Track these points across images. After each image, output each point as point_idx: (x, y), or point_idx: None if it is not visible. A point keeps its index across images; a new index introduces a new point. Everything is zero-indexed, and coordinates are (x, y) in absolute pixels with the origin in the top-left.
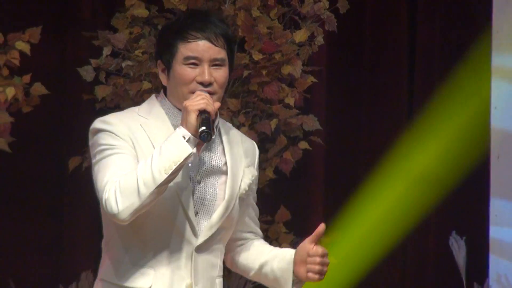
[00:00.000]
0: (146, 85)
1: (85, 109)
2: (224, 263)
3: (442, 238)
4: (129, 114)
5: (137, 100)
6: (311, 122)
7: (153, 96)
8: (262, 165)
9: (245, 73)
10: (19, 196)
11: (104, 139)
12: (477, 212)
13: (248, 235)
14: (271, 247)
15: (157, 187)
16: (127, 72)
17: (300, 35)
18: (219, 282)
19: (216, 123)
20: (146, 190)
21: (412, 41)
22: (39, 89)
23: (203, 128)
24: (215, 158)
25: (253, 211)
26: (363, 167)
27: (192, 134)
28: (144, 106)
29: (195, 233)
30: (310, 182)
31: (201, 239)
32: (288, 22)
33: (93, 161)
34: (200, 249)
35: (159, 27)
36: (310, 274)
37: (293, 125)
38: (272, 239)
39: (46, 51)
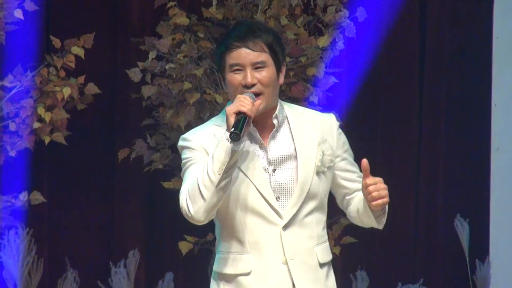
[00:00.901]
0: (186, 85)
1: (133, 106)
2: None
3: (448, 220)
4: (206, 127)
5: (179, 98)
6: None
7: (227, 106)
8: None
9: None
10: (74, 183)
11: (185, 153)
12: (479, 197)
13: (351, 190)
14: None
15: (216, 187)
16: (170, 73)
17: (323, 41)
18: (320, 249)
19: (276, 113)
20: (208, 192)
21: (423, 46)
22: (92, 89)
23: (232, 129)
24: (284, 146)
25: (350, 174)
26: (379, 155)
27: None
28: (220, 116)
29: (279, 215)
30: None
31: (286, 219)
32: (312, 29)
33: (182, 172)
34: (287, 227)
35: (199, 33)
36: (373, 203)
37: None
38: None
39: (98, 55)
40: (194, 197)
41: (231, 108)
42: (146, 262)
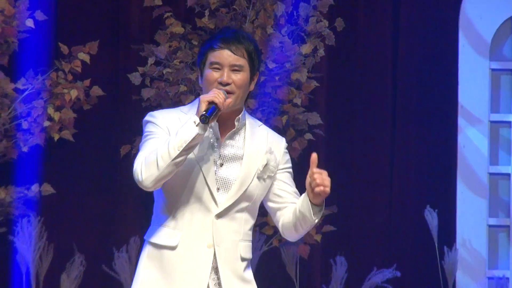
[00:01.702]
0: (182, 88)
1: (134, 107)
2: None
3: (418, 210)
4: (173, 110)
5: (175, 100)
6: (314, 118)
7: (197, 99)
8: None
9: (262, 78)
10: (81, 176)
11: (148, 127)
12: (447, 189)
13: (285, 203)
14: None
15: (172, 160)
16: (167, 77)
17: (306, 48)
18: (243, 245)
19: (239, 117)
20: (163, 163)
21: (395, 51)
22: (96, 91)
23: (203, 113)
24: (236, 147)
25: (287, 186)
26: (356, 151)
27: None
28: (187, 105)
29: (216, 204)
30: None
31: (220, 208)
32: (296, 37)
33: (140, 143)
34: (220, 216)
35: (193, 41)
36: (316, 189)
37: (300, 120)
38: None
39: (102, 60)
40: (149, 164)
41: (205, 96)
42: None
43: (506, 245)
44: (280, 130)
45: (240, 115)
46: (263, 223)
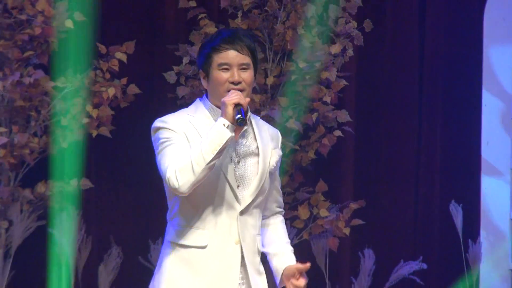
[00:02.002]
0: None
1: (169, 105)
2: None
3: (444, 205)
4: (180, 114)
5: None
6: (343, 115)
7: (197, 99)
8: (305, 148)
9: (292, 77)
10: (118, 171)
11: (163, 134)
12: (471, 185)
13: (274, 205)
14: (279, 241)
15: (206, 165)
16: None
17: (335, 48)
18: (258, 239)
19: (248, 114)
20: (199, 168)
21: (421, 51)
22: (133, 89)
23: (239, 116)
24: (248, 143)
25: (278, 183)
26: (384, 148)
27: (230, 122)
28: (191, 107)
29: (238, 201)
30: (343, 162)
31: (243, 205)
32: (325, 38)
33: (156, 151)
34: (243, 213)
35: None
36: None
37: (330, 118)
38: (313, 205)
39: (139, 59)
40: (184, 171)
41: (230, 99)
42: None
43: None
44: (310, 127)
45: (249, 111)
46: (294, 216)
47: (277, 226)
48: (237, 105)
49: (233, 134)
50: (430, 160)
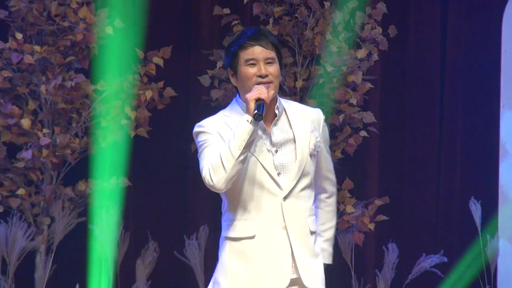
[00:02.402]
0: None
1: (204, 106)
2: None
3: (463, 201)
4: (216, 116)
5: None
6: (369, 117)
7: (233, 99)
8: (332, 148)
9: (320, 80)
10: (155, 170)
11: (201, 137)
12: (489, 183)
13: (324, 183)
14: (320, 232)
15: (236, 160)
16: None
17: (361, 53)
18: (311, 220)
19: (276, 104)
20: (229, 164)
21: (443, 56)
22: (169, 92)
23: (255, 111)
24: (283, 131)
25: (326, 161)
26: (407, 146)
27: (252, 117)
28: (228, 108)
29: (280, 188)
30: (368, 160)
31: (285, 191)
32: (352, 43)
33: (198, 154)
34: (286, 198)
35: None
36: None
37: (355, 119)
38: (340, 202)
39: (175, 64)
40: (217, 169)
41: (252, 95)
42: (213, 235)
43: None
44: (337, 128)
45: (277, 103)
46: None
47: (323, 211)
48: (258, 100)
49: (257, 128)
50: (451, 159)
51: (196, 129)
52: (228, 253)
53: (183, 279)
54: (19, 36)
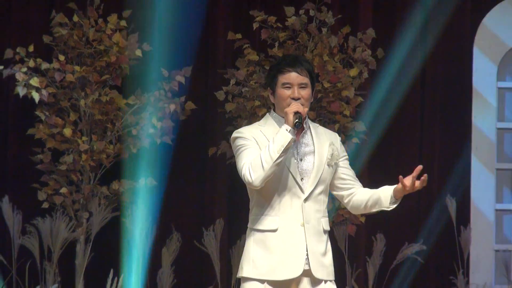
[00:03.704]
0: (257, 103)
1: (219, 118)
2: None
3: (441, 198)
4: (252, 126)
5: (251, 112)
6: (360, 126)
7: (267, 113)
8: None
9: (319, 95)
10: (177, 172)
11: (239, 142)
12: (463, 183)
13: (349, 184)
14: (371, 191)
15: (274, 162)
16: (245, 94)
17: (353, 72)
18: (324, 220)
19: (305, 120)
20: (267, 165)
21: (423, 74)
22: (190, 105)
23: (296, 120)
24: (308, 144)
25: (348, 170)
26: (394, 152)
27: (291, 127)
28: (262, 120)
29: (302, 191)
30: (359, 163)
31: (306, 193)
32: (345, 63)
33: (235, 155)
34: (306, 200)
35: (266, 66)
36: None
37: (348, 128)
38: (335, 198)
39: (195, 81)
40: (256, 168)
41: (290, 109)
42: (228, 227)
43: (509, 225)
44: None
45: (306, 120)
46: None
47: (361, 189)
48: (296, 113)
49: (294, 137)
50: (429, 160)
51: (235, 134)
52: (252, 243)
53: (202, 265)
54: (61, 58)
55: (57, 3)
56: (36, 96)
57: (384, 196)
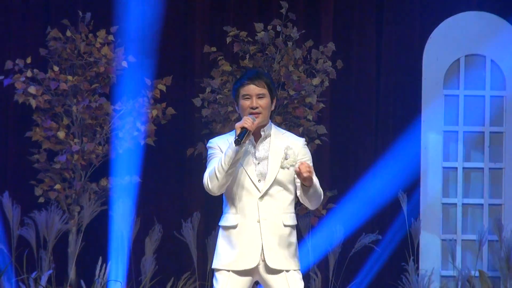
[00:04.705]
0: (230, 108)
1: (196, 122)
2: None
3: (394, 193)
4: (224, 136)
5: (225, 117)
6: (321, 129)
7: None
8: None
9: (285, 102)
10: (159, 169)
11: (209, 150)
12: (413, 179)
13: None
14: None
15: (225, 172)
16: (220, 101)
17: (316, 81)
18: (285, 216)
19: (265, 128)
20: (220, 175)
21: (378, 83)
22: (170, 111)
23: (236, 138)
24: (265, 149)
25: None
26: (350, 154)
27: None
28: (233, 130)
29: (259, 191)
30: (321, 162)
31: (261, 193)
32: (309, 73)
33: (206, 163)
34: (262, 198)
35: (238, 76)
36: (303, 177)
37: (311, 131)
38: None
39: (174, 89)
40: (212, 178)
41: (238, 124)
42: (204, 219)
43: (454, 217)
44: None
45: (265, 127)
46: None
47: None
48: (242, 128)
49: (241, 149)
50: (384, 160)
51: (208, 144)
52: (220, 238)
53: (181, 253)
54: (56, 68)
55: (52, 19)
56: (33, 102)
57: (302, 192)
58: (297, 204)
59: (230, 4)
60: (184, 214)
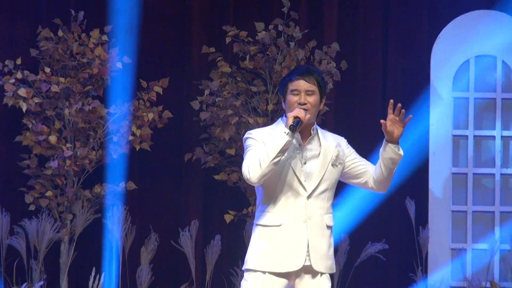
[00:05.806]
0: (229, 111)
1: (194, 126)
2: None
3: (401, 200)
4: (263, 128)
5: (224, 120)
6: None
7: (279, 118)
8: None
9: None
10: (155, 176)
11: (247, 142)
12: (421, 185)
13: (362, 166)
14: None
15: (270, 161)
16: (218, 104)
17: None
18: (327, 217)
19: (313, 126)
20: (264, 164)
21: (384, 85)
22: (167, 114)
23: (291, 123)
24: (313, 149)
25: (358, 158)
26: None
27: (288, 129)
28: (274, 124)
29: (305, 190)
30: None
31: (308, 192)
32: None
33: (244, 154)
34: (309, 198)
35: (237, 78)
36: (388, 129)
37: None
38: None
39: (171, 91)
40: (254, 166)
41: (291, 113)
42: (203, 228)
43: (464, 225)
44: None
45: (314, 126)
46: None
47: (373, 166)
48: (295, 117)
49: (291, 139)
50: None
51: (246, 135)
52: (256, 238)
53: (178, 263)
54: (47, 70)
55: (43, 18)
56: (23, 105)
57: (385, 151)
58: None
59: (229, 2)
60: (182, 223)
